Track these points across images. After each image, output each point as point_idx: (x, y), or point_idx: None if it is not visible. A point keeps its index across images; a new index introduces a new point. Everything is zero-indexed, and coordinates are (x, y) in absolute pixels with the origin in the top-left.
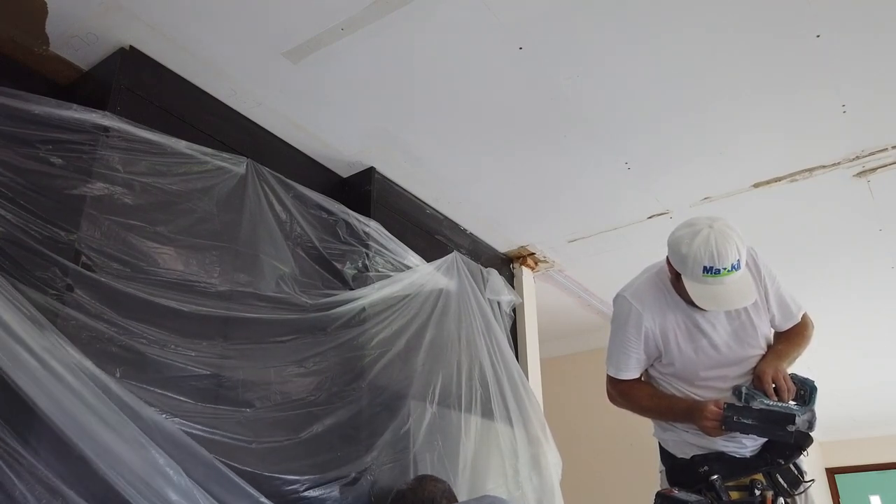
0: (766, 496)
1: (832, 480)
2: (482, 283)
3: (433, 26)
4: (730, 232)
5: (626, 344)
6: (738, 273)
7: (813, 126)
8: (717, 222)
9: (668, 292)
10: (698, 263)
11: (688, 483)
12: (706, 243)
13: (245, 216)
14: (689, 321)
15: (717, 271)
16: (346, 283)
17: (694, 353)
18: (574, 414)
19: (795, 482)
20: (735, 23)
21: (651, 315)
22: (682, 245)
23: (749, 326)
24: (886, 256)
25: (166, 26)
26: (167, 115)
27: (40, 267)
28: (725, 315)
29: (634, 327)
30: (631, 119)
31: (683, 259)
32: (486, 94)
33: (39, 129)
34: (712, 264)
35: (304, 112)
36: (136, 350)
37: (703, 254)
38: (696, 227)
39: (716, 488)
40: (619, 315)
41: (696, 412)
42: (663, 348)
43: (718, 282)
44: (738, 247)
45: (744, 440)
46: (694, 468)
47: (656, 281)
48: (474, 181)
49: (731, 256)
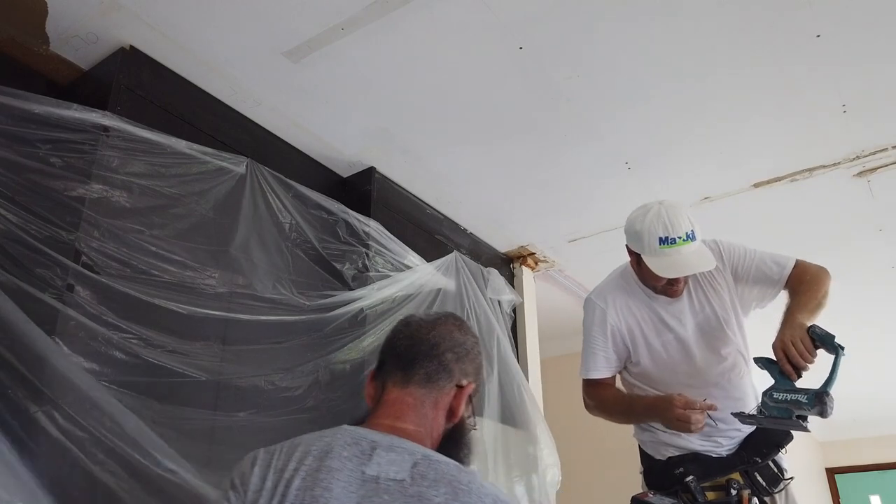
0: (743, 495)
1: (832, 480)
2: (483, 282)
3: (433, 26)
4: (679, 206)
5: (593, 343)
6: (694, 243)
7: (813, 126)
8: (666, 200)
9: (631, 289)
10: (654, 236)
11: (664, 485)
12: (658, 216)
13: (244, 217)
14: (654, 316)
15: (672, 241)
16: (346, 284)
17: (661, 347)
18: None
19: (775, 480)
20: (735, 22)
21: (615, 311)
22: (635, 224)
23: (713, 319)
24: (886, 256)
25: (166, 26)
26: (167, 114)
27: (40, 266)
28: (690, 308)
29: (599, 326)
30: (631, 119)
31: (639, 236)
32: (485, 94)
33: (39, 128)
34: (667, 234)
35: (304, 112)
36: (132, 352)
37: (656, 226)
38: (647, 207)
39: (691, 490)
40: (586, 317)
41: (661, 405)
42: (631, 346)
43: (676, 251)
44: (689, 219)
45: (719, 439)
46: (669, 470)
47: (620, 280)
48: (475, 181)
49: (683, 226)
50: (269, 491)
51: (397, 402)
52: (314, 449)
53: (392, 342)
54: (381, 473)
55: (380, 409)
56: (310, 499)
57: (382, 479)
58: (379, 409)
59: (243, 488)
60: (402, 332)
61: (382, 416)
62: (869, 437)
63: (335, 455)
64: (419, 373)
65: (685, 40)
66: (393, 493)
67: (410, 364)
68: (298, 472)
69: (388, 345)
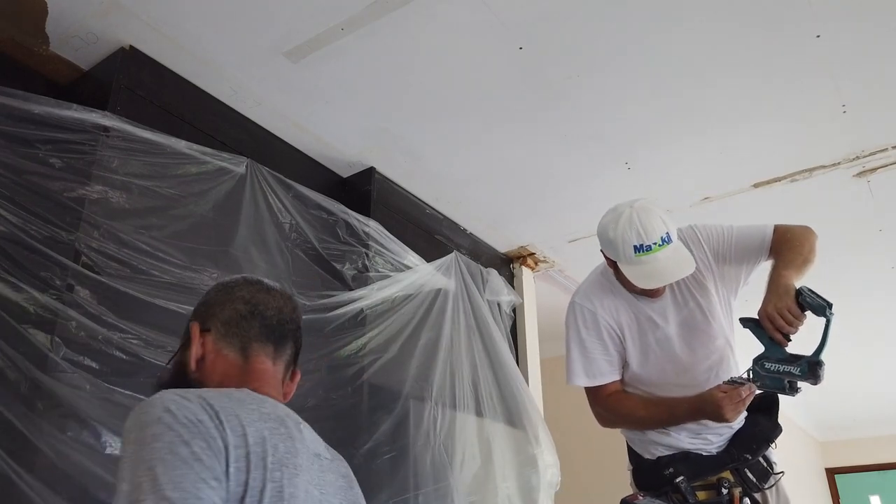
0: (734, 494)
1: (832, 480)
2: (482, 283)
3: (433, 26)
4: (651, 207)
5: (588, 348)
6: (670, 246)
7: (813, 126)
8: (637, 202)
9: (615, 288)
10: (628, 244)
11: (653, 485)
12: (630, 223)
13: (244, 217)
14: (640, 314)
15: (647, 248)
16: (346, 284)
17: (648, 347)
18: (573, 414)
19: (765, 475)
20: (735, 22)
21: (604, 311)
22: (608, 231)
23: (699, 313)
24: (886, 256)
25: (166, 26)
26: (167, 114)
27: (40, 266)
28: (673, 304)
29: (592, 328)
30: (631, 119)
31: (613, 244)
32: (485, 94)
33: (39, 128)
34: (641, 241)
35: (304, 112)
36: (132, 352)
37: (630, 234)
38: (619, 211)
39: (682, 490)
40: (573, 321)
41: (709, 405)
42: (623, 346)
43: (652, 258)
44: (662, 220)
45: (709, 437)
46: (659, 470)
47: (602, 279)
48: (474, 181)
49: (657, 230)
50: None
51: (270, 376)
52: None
53: (255, 307)
54: (319, 452)
55: (256, 378)
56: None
57: (323, 456)
58: (254, 378)
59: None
60: (267, 302)
61: (267, 386)
62: (869, 437)
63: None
64: (287, 352)
65: (685, 40)
66: (329, 471)
67: (281, 340)
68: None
69: (248, 308)
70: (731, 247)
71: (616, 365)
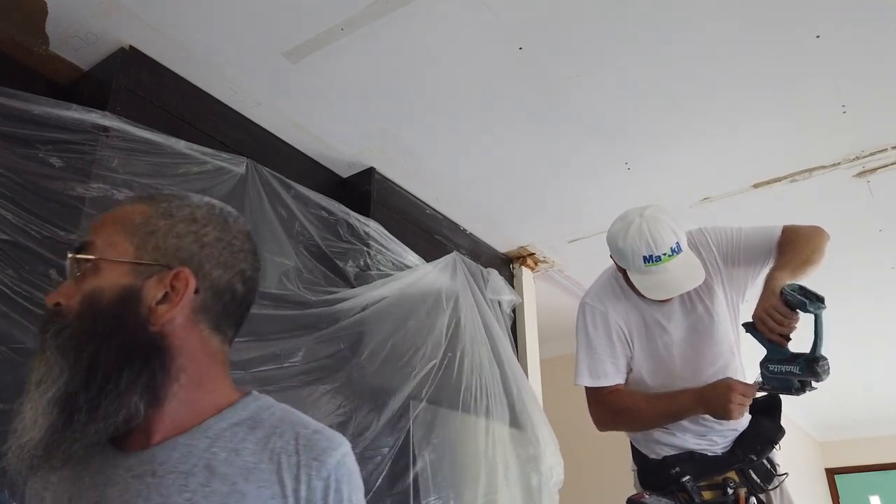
0: (740, 494)
1: (832, 480)
2: (482, 283)
3: (433, 26)
4: (661, 216)
5: (597, 348)
6: (680, 256)
7: (813, 126)
8: (647, 210)
9: (625, 291)
10: (637, 255)
11: (659, 485)
12: (640, 233)
13: (245, 216)
14: (649, 318)
15: (657, 258)
16: (349, 281)
17: (656, 351)
18: (574, 414)
19: (769, 476)
20: (735, 23)
21: (615, 313)
22: (618, 240)
23: (706, 317)
24: (886, 256)
25: (166, 26)
26: (167, 115)
27: (40, 266)
28: (681, 308)
29: (602, 328)
30: (631, 119)
31: (622, 253)
32: (485, 94)
33: (39, 129)
34: (651, 252)
35: (304, 112)
36: None
37: (639, 244)
38: (629, 220)
39: (687, 490)
40: (584, 322)
41: (717, 395)
42: (630, 350)
43: (662, 269)
44: (672, 229)
45: (715, 438)
46: (665, 469)
47: (613, 282)
48: (474, 181)
49: (667, 241)
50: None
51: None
52: None
53: (247, 284)
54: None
55: (226, 373)
56: None
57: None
58: (225, 373)
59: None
60: (255, 280)
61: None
62: (869, 437)
63: None
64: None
65: (685, 41)
66: None
67: (240, 323)
68: None
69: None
70: (739, 249)
71: (621, 368)
